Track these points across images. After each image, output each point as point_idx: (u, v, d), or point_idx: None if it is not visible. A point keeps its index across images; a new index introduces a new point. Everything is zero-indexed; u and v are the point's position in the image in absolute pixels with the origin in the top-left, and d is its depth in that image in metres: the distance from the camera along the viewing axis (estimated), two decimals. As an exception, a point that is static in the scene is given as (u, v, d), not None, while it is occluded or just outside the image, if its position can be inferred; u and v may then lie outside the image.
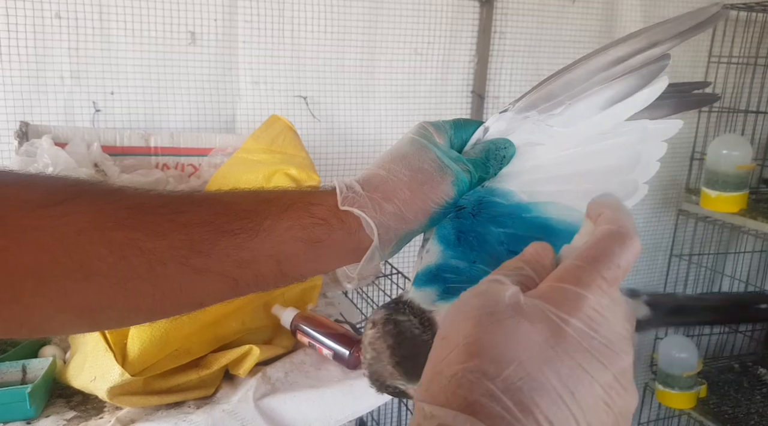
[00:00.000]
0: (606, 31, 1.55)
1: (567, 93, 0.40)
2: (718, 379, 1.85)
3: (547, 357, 0.24)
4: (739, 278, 1.92)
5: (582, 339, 0.24)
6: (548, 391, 0.23)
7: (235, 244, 0.37)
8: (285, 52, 1.27)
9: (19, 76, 1.10)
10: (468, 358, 0.24)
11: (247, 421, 0.77)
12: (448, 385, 0.24)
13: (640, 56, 0.38)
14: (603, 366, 0.24)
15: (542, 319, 0.25)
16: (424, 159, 0.40)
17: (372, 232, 0.38)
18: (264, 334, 0.92)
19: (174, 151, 1.12)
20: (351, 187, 0.39)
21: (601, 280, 0.26)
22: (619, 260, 0.27)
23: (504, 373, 0.23)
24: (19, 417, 0.72)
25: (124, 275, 0.35)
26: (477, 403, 0.23)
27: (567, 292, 0.26)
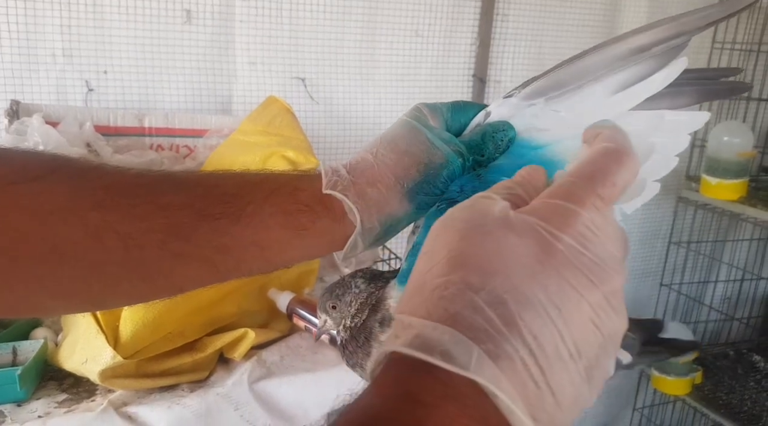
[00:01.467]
0: (610, 13, 1.53)
1: (578, 82, 0.36)
2: (713, 366, 1.85)
3: (534, 271, 0.23)
4: (736, 266, 1.92)
5: (572, 256, 0.23)
6: (534, 306, 0.22)
7: (215, 229, 0.35)
8: (283, 32, 1.25)
9: (9, 53, 1.07)
10: (452, 270, 0.23)
11: (242, 404, 0.76)
12: (430, 297, 0.23)
13: (662, 46, 0.35)
14: (593, 284, 0.23)
15: (531, 234, 0.24)
16: (413, 141, 0.38)
17: (354, 218, 0.37)
18: (259, 318, 0.91)
19: (169, 132, 1.10)
20: (336, 171, 0.38)
21: (596, 198, 0.25)
22: (615, 178, 0.26)
23: (489, 286, 0.22)
24: (9, 399, 0.71)
25: (100, 258, 0.33)
26: (459, 314, 0.22)
27: (559, 208, 0.24)
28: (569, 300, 0.23)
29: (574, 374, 0.22)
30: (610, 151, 0.26)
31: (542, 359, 0.22)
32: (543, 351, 0.22)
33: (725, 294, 1.97)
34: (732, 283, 1.95)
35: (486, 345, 0.21)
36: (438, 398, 0.21)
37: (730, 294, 1.98)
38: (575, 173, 0.26)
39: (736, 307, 1.98)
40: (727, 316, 1.92)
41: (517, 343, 0.21)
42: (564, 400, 0.22)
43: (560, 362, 0.22)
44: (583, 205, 0.24)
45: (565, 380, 0.22)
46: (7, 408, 0.70)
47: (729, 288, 1.96)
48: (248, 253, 0.36)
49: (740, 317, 1.94)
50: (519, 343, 0.21)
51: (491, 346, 0.21)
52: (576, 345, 0.22)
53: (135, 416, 0.71)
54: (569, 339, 0.22)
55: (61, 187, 0.33)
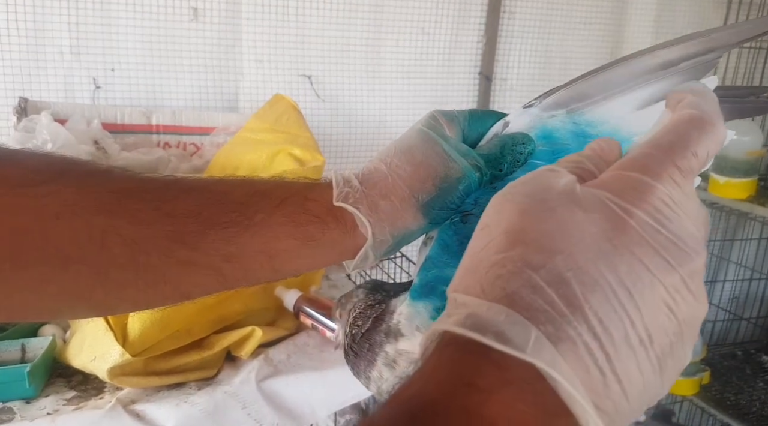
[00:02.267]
0: (618, 11, 1.52)
1: (602, 94, 0.35)
2: (720, 366, 1.84)
3: (603, 250, 0.21)
4: (745, 265, 1.90)
5: (647, 233, 0.21)
6: (601, 287, 0.20)
7: (223, 237, 0.35)
8: (289, 29, 1.25)
9: (18, 50, 1.07)
10: (510, 247, 0.22)
11: (249, 402, 0.76)
12: (486, 275, 0.22)
13: (691, 62, 0.33)
14: (669, 265, 0.21)
15: (601, 209, 0.22)
16: (429, 153, 0.36)
17: (366, 231, 0.36)
18: (266, 316, 0.91)
19: (176, 129, 1.10)
20: (348, 182, 0.37)
21: (674, 170, 0.23)
22: (697, 147, 0.23)
23: (550, 264, 0.21)
24: (18, 396, 0.71)
25: (105, 264, 0.33)
26: (516, 294, 0.20)
27: (632, 181, 0.22)
28: (642, 282, 0.21)
29: (644, 362, 0.21)
30: (692, 118, 0.24)
31: (608, 345, 0.20)
32: (610, 336, 0.20)
33: (733, 293, 1.96)
34: (740, 283, 1.94)
35: (545, 326, 0.20)
36: (494, 383, 0.20)
37: (738, 293, 1.96)
38: (652, 143, 0.24)
39: (744, 307, 1.96)
40: (735, 316, 1.91)
41: (580, 326, 0.20)
42: (631, 389, 0.21)
43: (629, 349, 0.20)
44: (659, 178, 0.22)
45: (633, 368, 0.21)
46: (16, 405, 0.71)
47: (737, 287, 1.95)
48: (256, 262, 0.36)
49: (748, 317, 1.93)
50: (583, 327, 0.20)
51: (551, 329, 0.20)
52: (648, 331, 0.21)
53: (143, 414, 0.71)
54: (640, 324, 0.21)
55: (68, 190, 0.33)
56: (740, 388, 1.75)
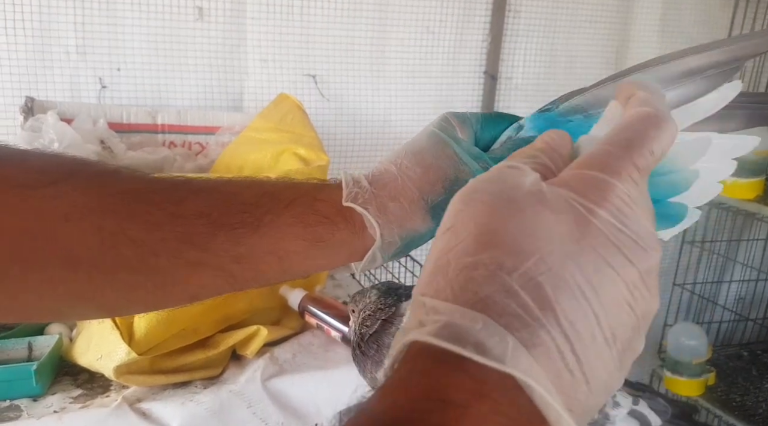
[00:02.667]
0: (624, 10, 1.51)
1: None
2: (726, 367, 1.83)
3: (570, 251, 0.21)
4: (751, 265, 1.89)
5: (609, 232, 0.22)
6: (571, 288, 0.20)
7: (233, 238, 0.34)
8: (294, 29, 1.25)
9: (24, 50, 1.08)
10: (482, 249, 0.21)
11: (254, 401, 0.76)
12: (456, 278, 0.21)
13: (716, 70, 0.33)
14: (630, 263, 0.22)
15: (567, 210, 0.22)
16: (440, 155, 0.36)
17: (374, 232, 0.36)
18: (272, 315, 0.91)
19: (181, 128, 1.10)
20: (358, 182, 0.37)
21: (633, 168, 0.23)
22: (653, 146, 0.24)
23: (523, 267, 0.20)
24: (25, 394, 0.72)
25: (114, 265, 0.33)
26: (490, 299, 0.20)
27: (594, 180, 0.23)
28: (606, 280, 0.21)
29: (608, 360, 0.21)
30: (648, 116, 0.24)
31: (578, 345, 0.20)
32: (579, 337, 0.20)
33: (739, 294, 1.95)
34: (746, 283, 1.93)
35: (520, 333, 0.20)
36: (470, 396, 0.19)
37: (744, 294, 1.95)
38: (611, 141, 0.24)
39: (750, 308, 1.95)
40: (740, 317, 1.90)
41: (553, 329, 0.20)
42: (597, 387, 0.21)
43: (596, 348, 0.21)
44: (619, 177, 0.23)
45: (599, 366, 0.21)
46: (23, 402, 0.71)
47: (743, 288, 1.94)
48: (265, 263, 0.36)
49: (754, 318, 1.92)
50: (555, 330, 0.20)
51: (526, 334, 0.20)
52: (612, 329, 0.21)
53: (149, 412, 0.72)
54: (605, 323, 0.21)
55: (76, 192, 0.33)
56: (746, 389, 1.74)
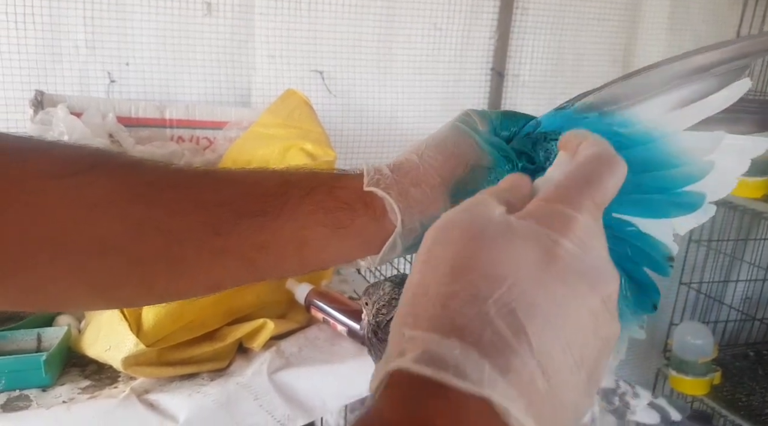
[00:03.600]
0: (631, 7, 1.50)
1: (635, 98, 0.35)
2: (732, 367, 1.83)
3: (540, 279, 0.22)
4: (758, 265, 1.89)
5: (573, 261, 0.23)
6: (542, 315, 0.21)
7: (254, 226, 0.35)
8: (302, 25, 1.25)
9: (34, 44, 1.09)
10: (457, 278, 0.22)
11: (261, 394, 0.76)
12: (433, 307, 0.22)
13: (724, 67, 0.34)
14: (592, 290, 0.23)
15: (535, 239, 0.23)
16: (461, 144, 0.37)
17: (395, 217, 0.36)
18: (278, 309, 0.92)
19: (189, 123, 1.11)
20: (379, 170, 0.37)
21: (591, 203, 0.25)
22: (607, 183, 0.25)
23: (496, 294, 0.21)
24: (34, 384, 0.72)
25: (140, 253, 0.33)
26: (467, 327, 0.21)
27: (559, 212, 0.24)
28: (572, 307, 0.22)
29: (577, 383, 0.22)
30: (602, 156, 0.26)
31: (550, 370, 0.21)
32: (551, 361, 0.21)
33: (746, 294, 1.94)
34: (753, 283, 1.92)
35: (496, 359, 0.20)
36: (450, 422, 0.20)
37: (750, 294, 1.95)
38: (570, 178, 0.26)
39: (757, 307, 1.95)
40: (747, 316, 1.90)
41: (525, 355, 0.21)
42: (567, 409, 0.22)
43: (566, 372, 0.22)
44: (580, 210, 0.24)
45: (569, 390, 0.22)
46: (32, 393, 0.72)
47: (750, 287, 1.93)
48: (286, 251, 0.36)
49: (761, 317, 1.91)
50: (528, 356, 0.21)
51: (500, 360, 0.20)
52: (580, 353, 0.22)
53: (156, 403, 0.72)
54: (574, 347, 0.22)
55: (103, 181, 0.33)
56: (752, 389, 1.73)
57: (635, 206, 0.34)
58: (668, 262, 0.34)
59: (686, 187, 0.33)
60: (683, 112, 0.34)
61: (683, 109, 0.34)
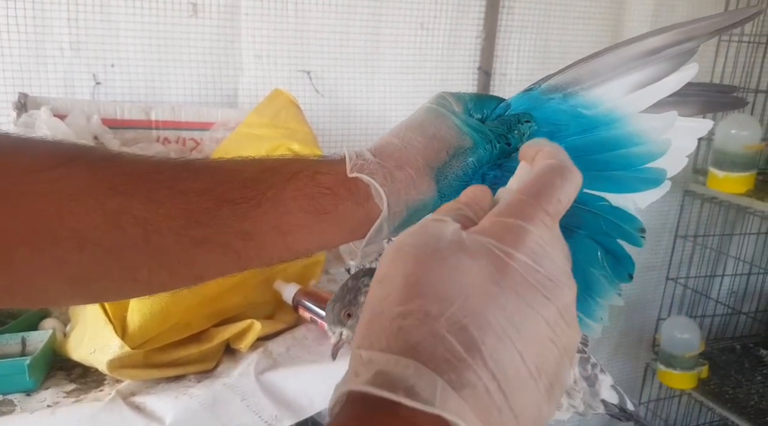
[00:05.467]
0: (616, 6, 1.51)
1: (595, 79, 0.38)
2: (719, 360, 1.85)
3: (491, 293, 0.23)
4: (743, 259, 1.91)
5: (527, 273, 0.23)
6: (494, 328, 0.22)
7: (236, 213, 0.35)
8: (289, 25, 1.25)
9: (18, 46, 1.08)
10: (409, 299, 0.23)
11: (248, 395, 0.76)
12: (389, 327, 0.22)
13: (673, 49, 0.37)
14: (548, 300, 0.23)
15: (486, 255, 0.24)
16: (441, 126, 0.38)
17: (381, 201, 0.36)
18: (266, 309, 0.92)
19: (175, 124, 1.10)
20: (361, 155, 0.37)
21: (544, 214, 0.25)
22: (560, 194, 0.26)
23: (448, 312, 0.22)
24: (18, 389, 0.72)
25: (119, 244, 0.33)
26: (420, 345, 0.21)
27: (510, 226, 0.25)
28: (527, 319, 0.23)
29: (535, 394, 0.22)
30: (554, 167, 0.27)
31: (504, 383, 0.21)
32: (505, 374, 0.21)
33: (732, 288, 1.96)
34: (739, 277, 1.94)
35: (449, 375, 0.21)
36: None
37: (736, 288, 1.97)
38: (523, 190, 0.26)
39: (743, 301, 1.97)
40: (733, 310, 1.92)
41: (480, 369, 0.21)
42: (526, 421, 0.22)
43: (522, 384, 0.22)
44: (532, 222, 0.25)
45: (527, 401, 0.22)
46: (16, 397, 0.71)
47: (736, 282, 1.96)
48: (269, 238, 0.36)
49: (747, 311, 1.93)
50: (482, 369, 0.21)
51: (454, 376, 0.21)
52: (536, 364, 0.22)
53: (143, 406, 0.72)
54: (530, 359, 0.22)
55: (81, 173, 0.33)
56: (738, 381, 1.76)
57: (604, 182, 0.36)
58: (640, 233, 0.36)
59: (648, 163, 0.36)
60: (640, 94, 0.37)
61: (639, 91, 0.37)
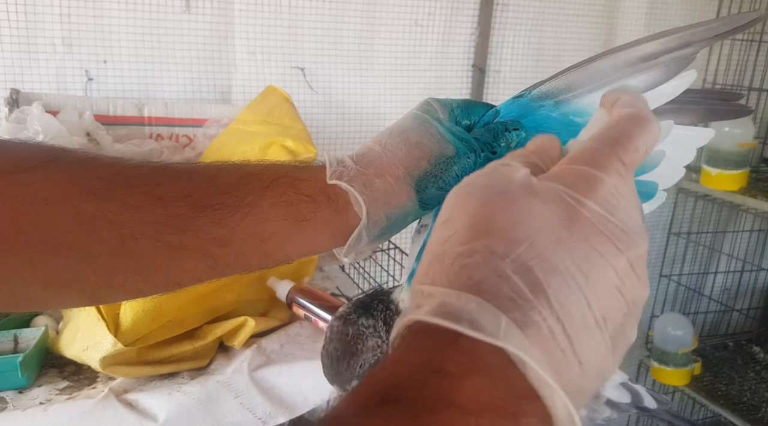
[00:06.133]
0: (610, 4, 1.52)
1: (588, 85, 0.37)
2: (712, 357, 1.86)
3: (560, 238, 0.22)
4: (736, 257, 1.92)
5: (598, 222, 0.23)
6: (561, 273, 0.21)
7: (213, 220, 0.34)
8: (282, 21, 1.24)
9: (9, 42, 1.07)
10: (475, 237, 0.22)
11: (242, 392, 0.76)
12: (452, 266, 0.22)
13: (669, 55, 0.35)
14: (618, 251, 0.23)
15: (556, 201, 0.23)
16: (424, 134, 0.37)
17: (360, 210, 0.36)
18: (259, 307, 0.92)
19: (168, 121, 1.10)
20: (342, 162, 0.37)
21: (619, 164, 0.24)
22: (637, 143, 0.25)
23: (514, 253, 0.22)
24: (11, 386, 0.72)
25: (94, 249, 0.33)
26: (484, 282, 0.21)
27: (583, 174, 0.24)
28: (596, 266, 0.22)
29: (600, 343, 0.22)
30: (632, 116, 0.26)
31: (569, 327, 0.21)
32: (570, 319, 0.21)
33: (725, 285, 1.97)
34: (732, 274, 1.95)
35: (513, 313, 0.21)
36: (465, 369, 0.20)
37: (729, 285, 1.98)
38: (598, 138, 0.25)
39: (735, 298, 1.98)
40: (726, 307, 1.93)
41: (544, 311, 0.21)
42: (590, 368, 0.22)
43: (587, 330, 0.21)
44: (606, 171, 0.24)
45: (591, 349, 0.22)
46: (8, 395, 0.71)
47: (729, 279, 1.97)
48: (247, 245, 0.36)
49: (740, 308, 1.94)
50: (547, 311, 0.21)
51: (518, 315, 0.21)
52: (602, 312, 0.22)
53: (136, 403, 0.72)
54: (596, 306, 0.22)
55: (56, 177, 0.33)
56: (731, 378, 1.77)
57: None
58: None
59: (641, 176, 0.35)
60: None
61: None
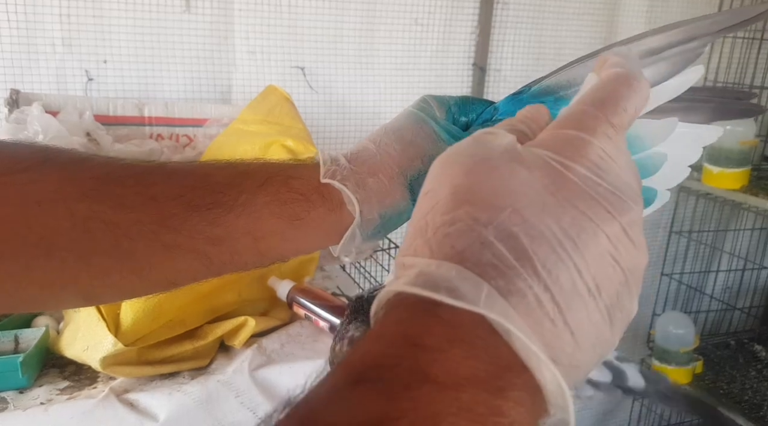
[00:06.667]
0: (611, 3, 1.51)
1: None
2: (713, 356, 1.86)
3: (546, 203, 0.21)
4: (738, 255, 1.91)
5: (587, 185, 0.22)
6: (548, 239, 0.20)
7: (207, 219, 0.34)
8: (282, 21, 1.24)
9: (9, 42, 1.07)
10: (457, 206, 0.21)
11: (242, 391, 0.76)
12: (434, 236, 0.21)
13: (675, 49, 0.34)
14: (610, 215, 0.22)
15: (542, 166, 0.22)
16: (419, 133, 0.37)
17: (353, 209, 0.36)
18: (260, 306, 0.92)
19: (168, 121, 1.10)
20: (336, 160, 0.37)
21: (607, 126, 0.23)
22: (626, 104, 0.24)
23: (498, 220, 0.21)
24: (11, 386, 0.72)
25: (88, 250, 0.33)
26: (466, 251, 0.20)
27: (569, 138, 0.23)
28: (585, 232, 0.21)
29: (593, 312, 0.21)
30: (619, 76, 0.25)
31: (558, 295, 0.20)
32: (559, 286, 0.20)
33: (726, 283, 1.97)
34: (733, 273, 1.95)
35: (496, 281, 0.20)
36: (443, 341, 0.19)
37: (731, 283, 1.97)
38: (584, 101, 0.24)
39: (737, 297, 1.98)
40: (728, 306, 1.92)
41: (530, 278, 0.20)
42: (584, 340, 0.20)
43: (578, 298, 0.20)
44: (594, 134, 0.23)
45: (584, 318, 0.20)
46: (9, 395, 0.71)
47: (730, 277, 1.96)
48: (241, 244, 0.36)
49: (741, 307, 1.94)
50: (533, 279, 0.20)
51: (502, 283, 0.20)
52: (595, 280, 0.21)
53: (136, 403, 0.72)
54: (587, 273, 0.21)
55: (49, 177, 0.33)
56: (733, 377, 1.76)
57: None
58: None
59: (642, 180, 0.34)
60: None
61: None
